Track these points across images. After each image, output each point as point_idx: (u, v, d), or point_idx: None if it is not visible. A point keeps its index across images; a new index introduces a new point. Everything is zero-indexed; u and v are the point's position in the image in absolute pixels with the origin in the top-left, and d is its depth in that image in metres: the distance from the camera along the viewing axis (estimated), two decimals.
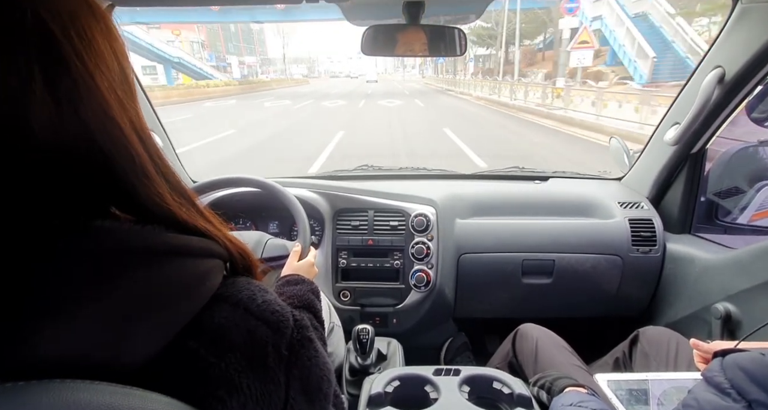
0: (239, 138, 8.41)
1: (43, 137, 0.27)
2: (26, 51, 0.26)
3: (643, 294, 1.32)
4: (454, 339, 1.47)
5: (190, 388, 0.30)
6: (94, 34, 0.30)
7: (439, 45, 0.98)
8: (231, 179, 1.02)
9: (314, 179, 1.49)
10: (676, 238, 1.28)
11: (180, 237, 0.33)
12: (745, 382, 0.48)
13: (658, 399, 0.75)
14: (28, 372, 0.24)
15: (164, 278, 0.31)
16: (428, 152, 6.43)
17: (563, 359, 0.98)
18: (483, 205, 1.39)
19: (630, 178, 1.46)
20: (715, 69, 1.02)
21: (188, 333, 0.32)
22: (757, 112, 1.04)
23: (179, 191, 0.35)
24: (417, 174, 1.66)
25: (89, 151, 0.29)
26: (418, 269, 1.28)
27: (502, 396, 0.86)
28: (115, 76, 0.31)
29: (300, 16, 25.13)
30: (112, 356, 0.28)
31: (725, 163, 1.24)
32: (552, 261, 1.29)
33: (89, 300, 0.27)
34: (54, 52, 0.27)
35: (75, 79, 0.28)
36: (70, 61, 0.27)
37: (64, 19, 0.28)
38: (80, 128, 0.28)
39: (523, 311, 1.35)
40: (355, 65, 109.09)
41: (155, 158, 0.34)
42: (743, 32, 0.96)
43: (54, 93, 0.27)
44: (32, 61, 0.26)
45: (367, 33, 0.96)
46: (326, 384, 0.42)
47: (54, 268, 0.26)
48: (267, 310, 0.36)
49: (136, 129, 0.32)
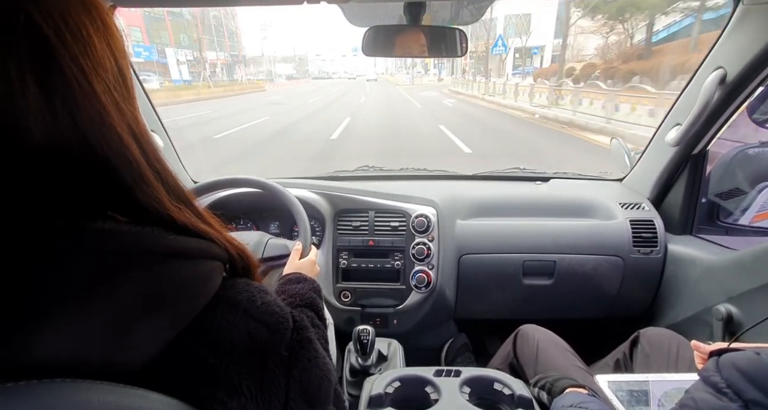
0: None
1: (39, 141, 0.27)
2: (18, 56, 0.25)
3: (644, 295, 1.32)
4: (454, 340, 1.46)
5: (191, 389, 0.30)
6: (90, 34, 0.29)
7: (439, 46, 0.98)
8: (231, 180, 1.02)
9: (315, 180, 1.49)
10: (677, 239, 1.27)
11: (179, 239, 0.33)
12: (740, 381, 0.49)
13: (659, 400, 0.75)
14: (28, 372, 0.24)
15: (164, 280, 0.31)
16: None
17: (564, 360, 0.98)
18: (484, 205, 1.39)
19: (631, 179, 1.46)
20: (717, 70, 1.02)
21: (188, 334, 0.32)
22: (758, 113, 1.04)
23: (178, 194, 0.35)
24: (418, 174, 1.66)
25: (87, 155, 0.29)
26: (418, 270, 1.28)
27: (503, 397, 0.85)
28: (112, 77, 0.31)
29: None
30: (112, 356, 0.28)
31: (726, 164, 1.24)
32: (553, 262, 1.29)
33: (89, 301, 0.27)
34: (48, 56, 0.26)
35: (70, 83, 0.27)
36: (65, 65, 0.27)
37: (58, 21, 0.27)
38: (77, 133, 0.28)
39: (524, 312, 1.35)
40: (349, 63, 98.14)
41: (154, 163, 0.33)
42: (745, 33, 0.96)
43: (49, 98, 0.26)
44: (24, 66, 0.25)
45: (368, 33, 0.96)
46: (326, 384, 0.42)
47: (54, 269, 0.26)
48: (266, 312, 0.36)
49: (134, 133, 0.32)
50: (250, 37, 57.67)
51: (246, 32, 55.44)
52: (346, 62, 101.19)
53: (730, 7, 0.97)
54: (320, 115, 12.81)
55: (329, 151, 6.61)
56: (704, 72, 1.07)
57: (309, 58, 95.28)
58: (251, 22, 49.46)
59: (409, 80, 38.52)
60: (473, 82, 20.54)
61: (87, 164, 0.29)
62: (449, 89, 23.91)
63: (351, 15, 1.05)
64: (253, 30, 54.85)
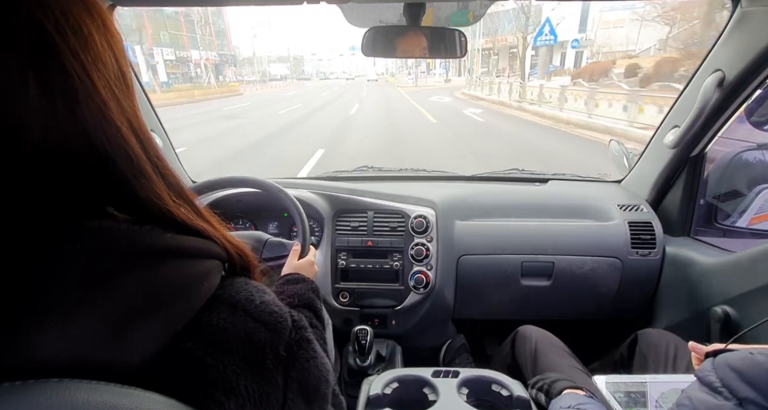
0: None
1: (39, 137, 0.27)
2: (19, 50, 0.25)
3: (642, 296, 1.32)
4: (453, 340, 1.46)
5: (188, 390, 0.30)
6: (90, 31, 0.29)
7: (439, 46, 0.98)
8: (230, 179, 1.02)
9: (314, 180, 1.49)
10: (675, 241, 1.28)
11: (178, 238, 0.33)
12: (735, 381, 0.49)
13: (656, 402, 0.75)
14: (25, 372, 0.24)
15: (162, 279, 0.31)
16: None
17: (562, 361, 0.98)
18: (483, 206, 1.39)
19: (629, 181, 1.46)
20: (715, 72, 1.02)
21: (186, 334, 0.32)
22: (756, 115, 1.04)
23: (178, 191, 0.35)
24: (417, 175, 1.66)
25: (87, 150, 0.29)
26: (417, 270, 1.28)
27: (501, 398, 0.86)
28: (112, 74, 0.31)
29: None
30: (109, 356, 0.28)
31: (724, 167, 1.24)
32: (551, 264, 1.29)
33: (87, 300, 0.27)
34: (48, 51, 0.26)
35: (70, 77, 0.27)
36: (66, 60, 0.27)
37: (58, 17, 0.27)
38: (77, 128, 0.28)
39: (522, 313, 1.35)
40: (349, 63, 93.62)
41: (154, 158, 0.33)
42: (743, 36, 0.96)
43: (49, 93, 0.26)
44: (25, 61, 0.25)
45: (368, 34, 0.96)
46: (324, 384, 0.42)
47: (51, 268, 0.26)
48: (265, 311, 0.36)
49: (134, 129, 0.32)
50: (241, 36, 54.35)
51: (237, 30, 52.05)
52: (345, 62, 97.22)
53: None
54: (284, 138, 8.19)
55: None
56: (702, 74, 1.08)
57: (306, 57, 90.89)
58: (242, 20, 45.28)
59: (413, 81, 34.09)
60: (494, 84, 15.97)
61: (86, 159, 0.29)
62: (464, 93, 19.14)
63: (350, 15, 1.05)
64: (245, 28, 51.11)
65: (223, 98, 23.46)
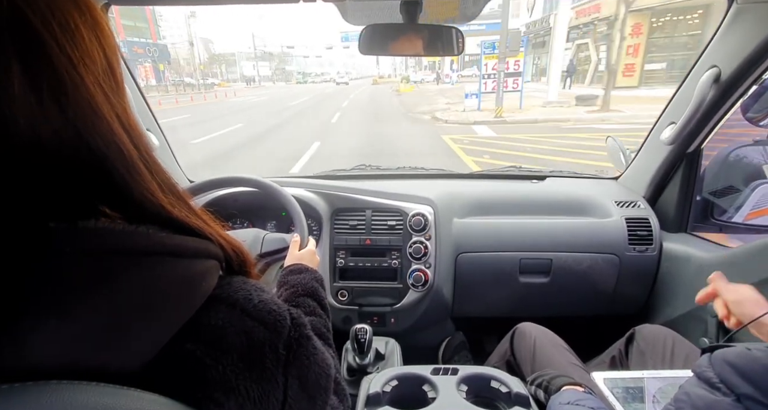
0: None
1: (27, 133, 0.26)
2: (2, 44, 0.25)
3: (639, 292, 1.32)
4: (452, 338, 1.47)
5: (188, 390, 0.30)
6: (78, 25, 0.29)
7: (436, 44, 0.98)
8: (228, 179, 1.02)
9: (312, 179, 1.49)
10: (672, 237, 1.28)
11: (174, 238, 0.33)
12: (732, 376, 0.50)
13: (654, 397, 0.76)
14: (23, 374, 0.24)
15: (159, 279, 0.30)
16: None
17: (561, 358, 0.98)
18: (480, 204, 1.40)
19: (626, 177, 1.47)
20: (711, 69, 1.02)
21: (185, 334, 0.31)
22: (752, 111, 1.05)
23: (170, 189, 0.35)
24: (414, 173, 1.66)
25: (76, 147, 0.28)
26: (415, 268, 1.28)
27: (500, 395, 0.86)
28: (101, 69, 0.30)
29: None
30: (107, 358, 0.28)
31: (721, 162, 1.25)
32: (549, 261, 1.29)
33: (84, 302, 0.27)
34: (34, 45, 0.26)
35: (57, 71, 0.27)
36: (52, 53, 0.26)
37: (44, 10, 0.26)
38: (65, 123, 0.27)
39: (521, 310, 1.35)
40: (348, 63, 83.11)
41: (144, 155, 0.33)
42: (738, 32, 0.96)
43: (35, 87, 0.26)
44: (9, 54, 0.25)
45: (365, 32, 0.96)
46: (325, 379, 0.42)
47: (48, 270, 0.26)
48: (263, 310, 0.36)
49: (124, 124, 0.31)
50: (179, 21, 37.64)
51: (173, 13, 36.51)
52: (342, 59, 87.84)
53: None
54: None
55: None
56: (698, 71, 1.08)
57: (292, 53, 79.47)
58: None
59: (450, 83, 21.07)
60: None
61: (77, 155, 0.29)
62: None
63: (347, 13, 1.04)
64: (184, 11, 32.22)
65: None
